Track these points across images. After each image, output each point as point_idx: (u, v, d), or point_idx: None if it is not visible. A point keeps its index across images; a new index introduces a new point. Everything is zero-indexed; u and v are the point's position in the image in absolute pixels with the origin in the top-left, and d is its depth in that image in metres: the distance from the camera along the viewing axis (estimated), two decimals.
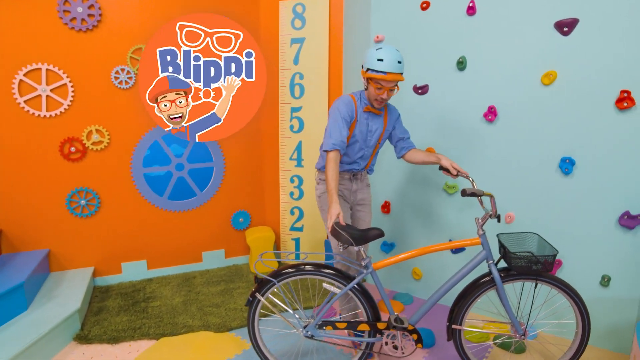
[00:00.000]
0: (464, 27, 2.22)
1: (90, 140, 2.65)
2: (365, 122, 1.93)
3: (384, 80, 1.76)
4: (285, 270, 1.75)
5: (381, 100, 1.84)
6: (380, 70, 1.75)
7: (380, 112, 1.96)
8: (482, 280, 1.75)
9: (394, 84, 1.81)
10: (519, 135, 2.12)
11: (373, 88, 1.81)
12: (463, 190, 1.68)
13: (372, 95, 1.85)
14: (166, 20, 2.72)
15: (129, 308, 2.47)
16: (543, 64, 2.01)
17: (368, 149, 1.99)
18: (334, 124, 1.85)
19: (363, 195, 2.07)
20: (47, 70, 2.50)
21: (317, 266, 1.75)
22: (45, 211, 2.61)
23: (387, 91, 1.81)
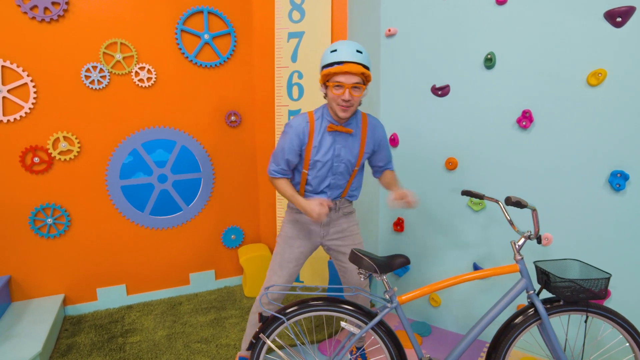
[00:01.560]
0: (492, 19, 1.91)
1: (57, 149, 2.28)
2: (329, 145, 1.56)
3: (341, 73, 1.41)
4: (296, 307, 1.44)
5: (345, 105, 1.46)
6: (334, 62, 1.43)
7: (351, 131, 1.56)
8: (525, 315, 1.47)
9: (357, 80, 1.43)
10: (559, 145, 1.82)
11: (331, 90, 1.46)
12: (507, 198, 1.43)
13: (333, 100, 1.48)
14: (145, 10, 2.36)
15: (103, 345, 2.11)
16: (590, 61, 1.71)
17: (338, 177, 1.62)
18: (281, 148, 1.58)
19: (339, 226, 1.68)
20: (3, 68, 2.13)
21: (333, 301, 1.46)
22: (5, 232, 2.24)
23: (350, 90, 1.43)
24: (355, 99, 1.47)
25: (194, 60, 2.51)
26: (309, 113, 1.59)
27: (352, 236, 1.71)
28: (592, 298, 1.38)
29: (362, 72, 1.43)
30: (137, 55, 2.38)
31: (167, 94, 2.49)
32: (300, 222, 1.69)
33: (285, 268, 1.67)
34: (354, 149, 1.60)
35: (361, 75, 1.45)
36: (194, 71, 2.53)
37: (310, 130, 1.55)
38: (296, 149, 1.56)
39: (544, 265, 1.50)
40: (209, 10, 2.50)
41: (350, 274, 1.73)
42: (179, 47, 2.46)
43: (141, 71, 2.40)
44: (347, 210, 1.71)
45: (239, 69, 2.64)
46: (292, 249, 1.67)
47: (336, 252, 1.73)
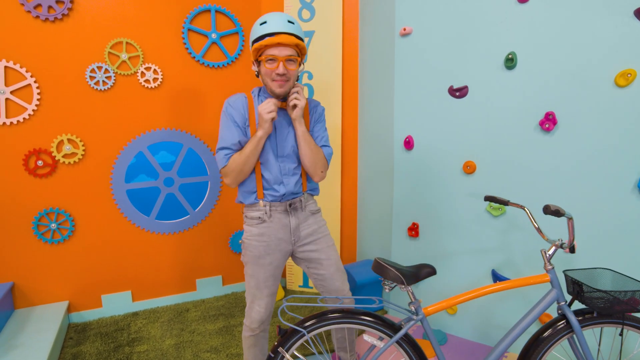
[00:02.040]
0: (514, 17, 1.83)
1: (62, 152, 2.22)
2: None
3: (273, 45, 1.33)
4: (315, 320, 1.37)
5: (280, 79, 1.37)
6: (265, 34, 1.34)
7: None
8: (555, 327, 1.39)
9: (291, 52, 1.35)
10: (584, 148, 1.74)
11: (264, 64, 1.36)
12: (546, 207, 1.34)
13: (267, 76, 1.39)
14: (151, 9, 2.29)
15: (109, 355, 2.05)
16: (618, 61, 1.63)
17: (285, 160, 1.49)
18: (225, 130, 1.44)
19: (310, 228, 1.55)
20: (6, 68, 2.07)
21: (353, 312, 1.38)
22: (8, 237, 2.18)
23: (284, 63, 1.34)
24: (291, 73, 1.39)
25: (201, 60, 2.44)
26: (247, 93, 1.50)
27: (323, 238, 1.57)
28: (628, 310, 1.31)
29: (295, 44, 1.35)
30: (143, 55, 2.32)
31: (174, 94, 2.42)
32: (265, 234, 1.50)
33: (265, 288, 1.53)
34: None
35: (295, 47, 1.37)
36: (201, 71, 2.46)
37: (250, 106, 1.46)
38: (240, 125, 1.44)
39: (575, 275, 1.42)
40: (217, 9, 2.43)
41: (329, 281, 1.57)
42: (186, 46, 2.39)
43: (147, 71, 2.33)
44: (313, 208, 1.59)
45: (247, 69, 2.57)
46: (265, 268, 1.51)
47: (308, 261, 1.57)
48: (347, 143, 2.59)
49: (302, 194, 1.55)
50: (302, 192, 1.55)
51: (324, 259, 1.56)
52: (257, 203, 1.50)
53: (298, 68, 1.42)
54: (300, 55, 1.42)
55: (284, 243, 1.53)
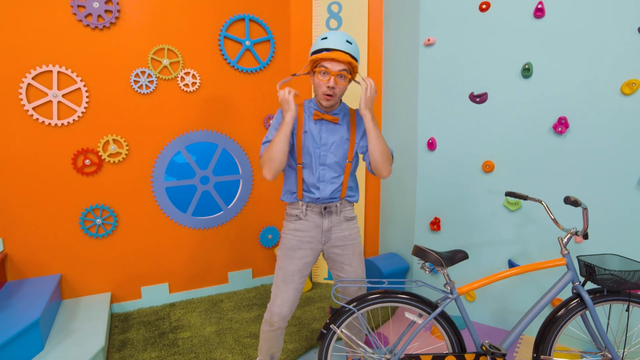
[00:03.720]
0: (530, 31, 2.04)
1: (107, 152, 2.36)
2: (316, 132, 1.56)
3: (329, 59, 1.42)
4: (368, 297, 1.55)
5: (329, 92, 1.46)
6: (323, 48, 1.44)
7: (337, 119, 1.55)
8: (568, 306, 1.59)
9: (343, 67, 1.44)
10: (592, 149, 1.95)
11: (317, 76, 1.47)
12: (566, 198, 1.56)
13: (318, 87, 1.49)
14: (190, 18, 2.45)
15: (156, 341, 2.20)
16: (624, 71, 1.85)
17: (327, 169, 1.57)
18: (271, 130, 1.57)
19: (341, 233, 1.63)
20: (58, 73, 2.21)
21: (397, 293, 1.57)
22: (57, 232, 2.31)
23: (335, 78, 1.44)
24: (339, 88, 1.47)
25: (235, 65, 2.60)
26: (299, 103, 1.60)
27: (352, 245, 1.65)
28: (633, 288, 1.51)
29: (348, 62, 1.43)
30: (183, 61, 2.47)
31: (210, 98, 2.58)
32: (300, 230, 1.61)
33: (290, 282, 1.60)
34: (343, 138, 1.58)
35: (348, 65, 1.45)
36: (235, 76, 2.63)
37: (300, 115, 1.55)
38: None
39: (588, 259, 1.62)
40: (250, 18, 2.60)
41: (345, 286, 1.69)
42: (222, 53, 2.56)
43: (186, 76, 2.49)
44: (349, 214, 1.66)
45: (277, 74, 2.74)
46: (295, 261, 1.60)
47: (333, 262, 1.68)
48: None
49: (338, 200, 1.62)
50: (339, 198, 1.62)
51: (346, 264, 1.65)
52: (296, 202, 1.63)
53: (347, 84, 1.49)
54: (352, 73, 1.50)
55: (315, 241, 1.62)
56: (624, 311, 1.83)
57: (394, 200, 2.71)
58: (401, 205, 2.63)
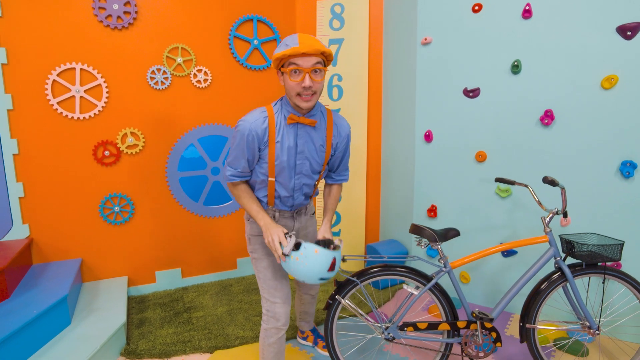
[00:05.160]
0: (519, 31, 2.21)
1: (125, 144, 2.52)
2: (292, 139, 1.39)
3: (298, 55, 1.24)
4: (370, 271, 1.71)
5: (305, 93, 1.30)
6: (291, 44, 1.27)
7: (314, 122, 1.39)
8: (550, 279, 1.76)
9: (316, 60, 1.27)
10: (576, 139, 2.12)
11: (289, 77, 1.29)
12: (544, 178, 1.74)
13: (291, 89, 1.31)
14: (203, 19, 2.62)
15: (171, 319, 2.36)
16: (604, 68, 2.02)
17: (302, 177, 1.47)
18: (234, 150, 1.40)
19: (306, 230, 1.68)
20: (81, 70, 2.37)
21: (396, 267, 1.74)
22: (78, 219, 2.47)
23: (310, 74, 1.27)
24: (317, 85, 1.30)
25: (244, 63, 2.77)
26: (267, 106, 1.40)
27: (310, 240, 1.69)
28: (608, 261, 1.68)
29: (321, 52, 1.27)
30: (195, 59, 2.64)
31: (221, 93, 2.74)
32: None
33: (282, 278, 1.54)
34: (319, 144, 1.44)
35: (320, 55, 1.28)
36: (244, 73, 2.79)
37: (271, 125, 1.36)
38: (254, 146, 1.37)
39: (569, 237, 1.79)
40: (258, 19, 2.76)
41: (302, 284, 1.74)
42: (232, 51, 2.72)
43: (199, 73, 2.66)
44: (312, 210, 1.70)
45: None
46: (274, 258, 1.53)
47: None
48: (372, 136, 2.95)
49: (308, 201, 1.61)
50: (309, 199, 1.61)
51: None
52: (266, 209, 1.54)
53: (324, 78, 1.34)
54: (326, 63, 1.34)
55: None
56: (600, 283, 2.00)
57: (394, 189, 2.88)
58: (400, 194, 2.80)
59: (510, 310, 2.44)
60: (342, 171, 1.64)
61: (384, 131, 2.93)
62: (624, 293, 2.01)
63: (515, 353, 2.03)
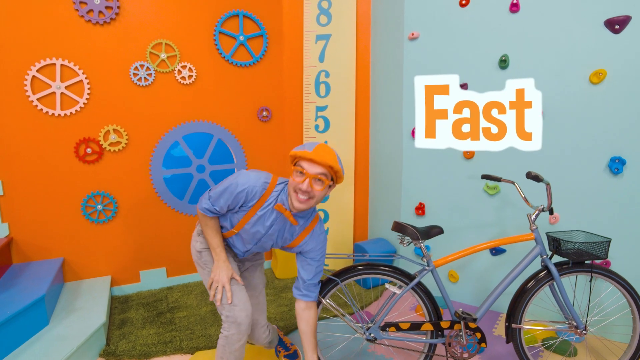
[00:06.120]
0: (506, 25, 2.17)
1: (108, 141, 2.48)
2: (268, 223, 1.44)
3: (307, 159, 1.31)
4: (350, 270, 1.67)
5: (302, 197, 1.33)
6: (307, 148, 1.33)
7: (296, 223, 1.45)
8: (537, 278, 1.72)
9: (322, 171, 1.32)
10: (565, 134, 2.08)
11: (292, 175, 1.35)
12: (528, 173, 1.70)
13: (291, 186, 1.35)
14: (187, 14, 2.58)
15: (154, 320, 2.32)
16: (592, 62, 1.98)
17: (259, 249, 1.57)
18: (221, 192, 1.42)
19: (252, 263, 1.71)
20: (61, 66, 2.33)
21: (378, 265, 1.69)
22: (60, 217, 2.43)
23: (310, 180, 1.31)
24: (315, 193, 1.33)
25: (230, 59, 2.72)
26: (272, 180, 1.44)
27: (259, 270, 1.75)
28: (595, 259, 1.64)
29: (330, 165, 1.31)
30: (180, 55, 2.60)
31: (206, 90, 2.70)
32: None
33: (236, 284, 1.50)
34: (287, 238, 1.50)
35: (329, 169, 1.32)
36: (230, 70, 2.75)
37: (262, 199, 1.41)
38: (238, 201, 1.41)
39: (555, 235, 1.75)
40: (244, 14, 2.72)
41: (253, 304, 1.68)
42: (217, 47, 2.68)
43: (183, 69, 2.61)
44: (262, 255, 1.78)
45: (270, 68, 2.86)
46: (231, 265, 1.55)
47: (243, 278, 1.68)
48: (360, 133, 2.90)
49: None
50: None
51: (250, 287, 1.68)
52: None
53: (325, 190, 1.36)
54: (334, 180, 1.38)
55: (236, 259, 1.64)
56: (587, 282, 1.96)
57: (382, 187, 2.84)
58: (388, 192, 2.76)
59: (498, 309, 2.40)
60: (312, 287, 1.54)
61: (372, 128, 2.89)
62: (611, 292, 1.97)
63: (502, 353, 2.00)
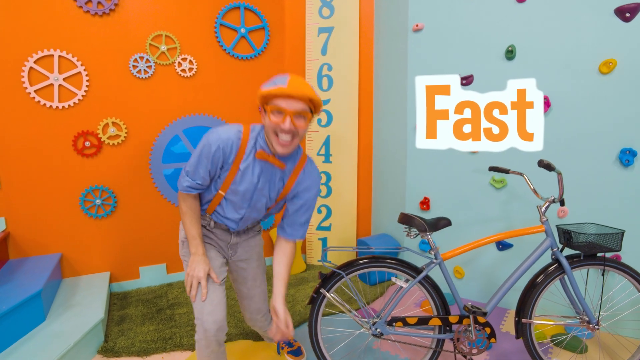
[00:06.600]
0: (513, 15, 2.13)
1: (107, 134, 2.43)
2: (256, 175, 1.32)
3: (284, 96, 1.17)
4: (355, 263, 1.62)
5: (284, 136, 1.21)
6: (278, 84, 1.19)
7: (283, 166, 1.33)
8: (548, 271, 1.67)
9: (302, 106, 1.20)
10: (574, 126, 2.04)
11: (269, 116, 1.21)
12: (540, 161, 1.66)
13: (270, 129, 1.22)
14: (188, 5, 2.54)
15: (154, 316, 2.27)
16: (601, 52, 1.94)
17: (253, 210, 1.40)
18: (197, 160, 1.30)
19: (248, 246, 1.54)
20: (59, 58, 2.28)
21: (384, 258, 1.64)
22: (58, 212, 2.38)
23: (291, 118, 1.18)
24: (299, 130, 1.22)
25: (231, 52, 2.68)
26: (245, 129, 1.31)
27: (256, 260, 1.59)
28: (608, 251, 1.60)
29: (309, 98, 1.19)
30: (180, 47, 2.55)
31: (207, 83, 2.66)
32: (208, 237, 1.46)
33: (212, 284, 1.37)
34: (278, 186, 1.38)
35: (308, 102, 1.21)
36: (231, 63, 2.71)
37: (240, 150, 1.28)
38: (217, 162, 1.28)
39: (566, 227, 1.71)
40: (246, 6, 2.68)
41: (249, 301, 1.61)
42: (218, 40, 2.64)
43: (183, 62, 2.57)
44: (256, 229, 1.57)
45: (272, 61, 2.82)
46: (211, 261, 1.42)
47: (237, 275, 1.59)
48: (363, 127, 2.86)
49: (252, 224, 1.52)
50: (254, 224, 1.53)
51: (250, 279, 1.58)
52: (203, 215, 1.44)
53: (308, 126, 1.25)
54: (314, 112, 1.26)
55: (223, 245, 1.49)
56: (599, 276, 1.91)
57: (386, 181, 2.79)
58: (392, 186, 2.71)
59: (506, 305, 2.35)
60: (297, 225, 1.43)
61: (375, 122, 2.85)
62: (623, 286, 1.93)
63: (510, 350, 1.95)
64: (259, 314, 1.67)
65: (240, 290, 1.64)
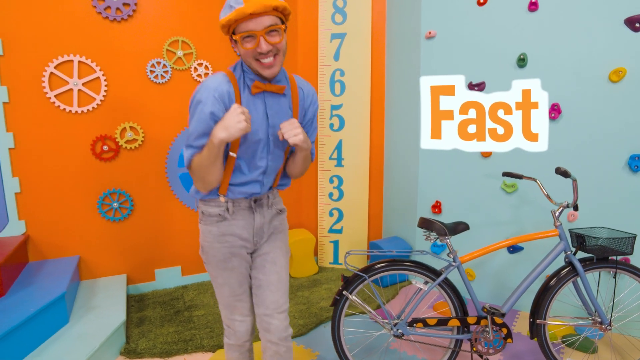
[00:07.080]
0: (525, 24, 2.18)
1: (124, 139, 2.47)
2: (261, 112, 1.17)
3: (246, 16, 1.03)
4: (377, 266, 1.67)
5: (263, 59, 1.09)
6: (235, 6, 1.05)
7: (283, 88, 1.19)
8: (559, 275, 1.73)
9: (271, 21, 1.06)
10: (584, 133, 2.10)
11: (241, 44, 1.08)
12: (557, 168, 1.71)
13: (246, 54, 1.10)
14: (204, 11, 2.58)
15: (172, 318, 2.30)
16: (611, 60, 2.00)
17: (274, 157, 1.25)
18: (197, 125, 1.12)
19: (272, 229, 1.33)
20: (79, 63, 2.32)
21: (404, 261, 1.70)
22: (76, 215, 2.41)
23: (264, 37, 1.05)
24: (278, 46, 1.09)
25: None
26: (226, 71, 1.17)
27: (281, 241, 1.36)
28: (620, 255, 1.66)
29: (274, 7, 1.05)
30: (196, 52, 2.59)
31: None
32: (228, 234, 1.24)
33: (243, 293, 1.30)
34: (288, 113, 1.22)
35: (274, 12, 1.06)
36: None
37: (236, 94, 1.13)
38: (219, 113, 1.11)
39: (579, 231, 1.76)
40: None
41: (263, 291, 1.31)
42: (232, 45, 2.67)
43: (199, 67, 2.61)
44: (280, 206, 1.37)
45: (285, 66, 2.83)
46: (235, 271, 1.28)
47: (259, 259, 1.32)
48: (375, 131, 2.91)
49: (270, 190, 1.31)
50: (272, 188, 1.32)
51: (268, 261, 1.32)
52: (216, 199, 1.23)
53: (285, 36, 1.11)
54: (285, 21, 1.12)
55: (246, 248, 1.28)
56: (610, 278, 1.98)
57: (397, 185, 2.85)
58: (404, 190, 2.77)
59: (516, 307, 2.41)
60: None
61: (386, 126, 2.90)
62: (634, 288, 1.99)
63: (523, 350, 2.00)
64: (276, 310, 1.30)
65: (256, 278, 1.32)
